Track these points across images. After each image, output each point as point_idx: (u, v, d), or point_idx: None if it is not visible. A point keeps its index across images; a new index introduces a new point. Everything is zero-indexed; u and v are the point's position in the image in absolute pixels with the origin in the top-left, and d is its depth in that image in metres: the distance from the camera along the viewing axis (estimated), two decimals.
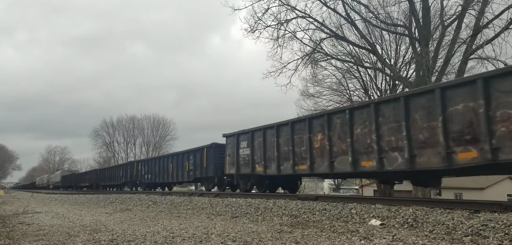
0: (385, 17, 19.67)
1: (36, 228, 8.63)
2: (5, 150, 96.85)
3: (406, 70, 25.13)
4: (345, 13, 19.10)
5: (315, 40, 20.32)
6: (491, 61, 16.32)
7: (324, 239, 6.01)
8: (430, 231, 6.23)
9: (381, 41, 24.54)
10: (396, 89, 26.06)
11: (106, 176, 34.78)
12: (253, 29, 19.21)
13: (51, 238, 7.00)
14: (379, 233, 6.21)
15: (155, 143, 69.04)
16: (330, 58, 22.88)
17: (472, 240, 5.51)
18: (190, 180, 20.19)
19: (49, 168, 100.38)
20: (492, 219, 5.97)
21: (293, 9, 18.97)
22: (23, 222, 10.19)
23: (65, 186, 49.42)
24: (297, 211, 9.04)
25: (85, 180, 41.29)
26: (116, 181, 31.39)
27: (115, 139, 70.89)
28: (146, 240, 6.47)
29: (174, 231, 7.28)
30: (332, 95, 29.21)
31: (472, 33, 16.81)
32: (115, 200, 17.57)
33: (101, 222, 9.51)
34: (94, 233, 7.46)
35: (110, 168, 38.18)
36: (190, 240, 6.29)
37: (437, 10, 18.99)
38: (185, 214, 10.94)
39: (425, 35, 17.44)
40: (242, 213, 9.98)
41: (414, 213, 7.09)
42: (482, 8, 16.06)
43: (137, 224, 8.84)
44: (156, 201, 14.66)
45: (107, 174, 34.82)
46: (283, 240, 6.00)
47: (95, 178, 37.97)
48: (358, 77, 27.66)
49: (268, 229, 7.15)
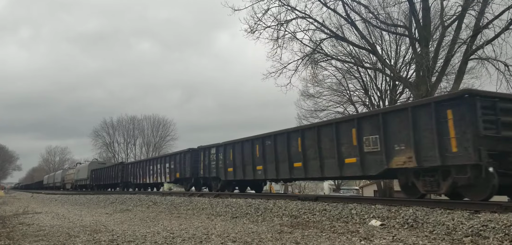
0: (385, 17, 19.69)
1: (36, 229, 8.63)
2: (5, 150, 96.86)
3: (406, 70, 25.19)
4: (345, 13, 19.13)
5: (315, 40, 20.35)
6: (491, 62, 16.33)
7: (324, 239, 6.01)
8: (430, 232, 6.23)
9: (381, 41, 24.60)
10: (396, 89, 26.10)
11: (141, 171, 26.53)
12: (253, 30, 19.23)
13: (51, 239, 7.00)
14: (379, 234, 6.21)
15: (155, 143, 69.12)
16: (330, 58, 22.91)
17: (472, 240, 5.51)
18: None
19: (49, 168, 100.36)
20: (492, 220, 5.96)
21: (293, 9, 18.98)
22: (23, 222, 10.19)
23: (97, 184, 35.35)
24: (297, 211, 9.04)
25: (112, 176, 31.47)
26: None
27: (115, 139, 70.90)
28: (146, 240, 6.47)
29: (174, 232, 7.28)
30: (332, 95, 29.25)
31: (472, 34, 16.81)
32: (115, 201, 17.58)
33: (101, 223, 9.52)
34: (94, 233, 7.46)
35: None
36: (190, 241, 6.29)
37: (437, 11, 19.02)
38: (185, 215, 10.94)
39: (425, 35, 17.45)
40: (242, 213, 9.98)
41: (414, 213, 7.09)
42: (482, 9, 16.06)
43: (137, 225, 8.85)
44: (156, 202, 14.65)
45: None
46: (283, 241, 6.00)
47: (125, 174, 29.26)
48: (358, 77, 27.70)
49: (268, 230, 7.15)
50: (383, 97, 27.09)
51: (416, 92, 17.62)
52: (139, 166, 26.66)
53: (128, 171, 28.61)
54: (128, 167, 29.54)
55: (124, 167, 29.94)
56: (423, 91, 16.80)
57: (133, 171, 27.47)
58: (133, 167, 28.41)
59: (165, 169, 22.11)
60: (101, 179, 34.34)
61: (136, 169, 26.99)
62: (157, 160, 24.07)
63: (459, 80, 17.57)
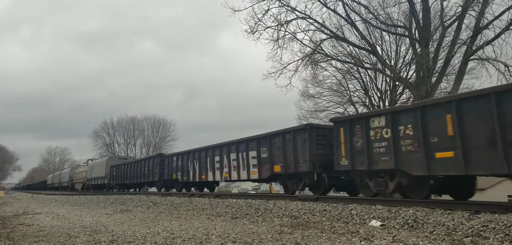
0: (385, 18, 19.66)
1: (36, 229, 8.63)
2: (5, 150, 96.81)
3: (406, 71, 25.15)
4: (345, 14, 19.11)
5: (315, 41, 20.31)
6: (491, 62, 16.31)
7: (324, 240, 6.01)
8: (430, 232, 6.22)
9: (381, 42, 24.55)
10: (396, 90, 26.08)
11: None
12: (253, 31, 19.20)
13: (51, 239, 7.00)
14: (379, 234, 6.21)
15: (155, 143, 69.03)
16: (330, 59, 22.86)
17: (472, 241, 5.51)
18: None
19: (49, 169, 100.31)
20: (492, 220, 5.96)
21: (293, 10, 18.96)
22: (23, 223, 10.19)
23: (119, 183, 28.46)
24: (297, 212, 9.04)
25: (143, 174, 24.43)
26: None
27: (115, 139, 70.77)
28: (146, 241, 6.47)
29: (174, 232, 7.28)
30: (332, 96, 29.17)
31: (472, 34, 16.79)
32: (115, 201, 17.58)
33: (101, 223, 9.52)
34: (94, 234, 7.46)
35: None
36: (190, 241, 6.29)
37: (437, 11, 18.99)
38: (185, 215, 10.94)
39: (425, 36, 17.43)
40: (242, 214, 9.98)
41: (414, 214, 7.09)
42: (482, 9, 16.04)
43: (137, 225, 8.84)
44: (156, 202, 14.65)
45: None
46: (283, 241, 6.00)
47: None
48: (358, 78, 27.64)
49: (268, 230, 7.14)
50: (383, 97, 27.07)
51: (416, 92, 17.61)
52: (194, 157, 18.62)
53: (173, 165, 20.68)
54: (171, 160, 21.06)
55: (166, 160, 21.96)
56: (423, 92, 16.79)
57: (183, 165, 19.65)
58: (182, 158, 19.82)
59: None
60: (125, 177, 26.98)
61: (187, 162, 19.18)
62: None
63: (459, 80, 17.56)
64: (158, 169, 22.30)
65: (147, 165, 23.93)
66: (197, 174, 18.11)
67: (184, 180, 19.51)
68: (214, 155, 16.69)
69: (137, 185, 26.22)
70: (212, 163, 16.75)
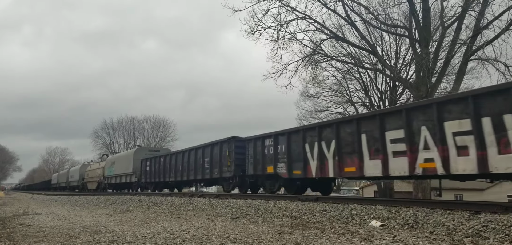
0: (385, 18, 19.65)
1: (36, 230, 8.63)
2: (6, 151, 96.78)
3: (406, 71, 25.18)
4: (345, 14, 19.11)
5: (315, 41, 20.30)
6: (491, 63, 16.31)
7: (324, 240, 6.01)
8: (430, 232, 6.23)
9: (381, 42, 24.59)
10: (396, 90, 26.09)
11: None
12: (253, 31, 19.21)
13: (51, 240, 7.00)
14: (379, 234, 6.21)
15: (155, 144, 69.03)
16: (330, 59, 22.86)
17: (472, 241, 5.50)
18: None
19: (49, 169, 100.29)
20: (492, 220, 5.96)
21: (293, 10, 18.96)
22: (24, 223, 10.18)
23: (155, 182, 21.94)
24: (297, 212, 9.04)
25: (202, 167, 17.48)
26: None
27: (115, 140, 70.74)
28: (146, 241, 6.47)
29: (175, 233, 7.28)
30: (332, 96, 29.20)
31: (472, 34, 16.79)
32: (115, 201, 17.58)
33: (101, 223, 9.52)
34: (95, 234, 7.46)
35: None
36: (191, 242, 6.29)
37: (437, 11, 18.99)
38: (186, 215, 10.94)
39: (425, 36, 17.43)
40: (243, 214, 9.98)
41: (414, 214, 7.09)
42: (482, 9, 16.04)
43: (137, 226, 8.85)
44: (156, 202, 14.66)
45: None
46: (284, 242, 6.00)
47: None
48: (358, 78, 27.68)
49: (268, 230, 7.15)
50: (383, 98, 27.09)
51: (416, 93, 17.62)
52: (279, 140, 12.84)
53: (265, 152, 13.42)
54: (262, 143, 13.57)
55: (247, 144, 14.52)
56: (423, 92, 16.80)
57: (269, 152, 13.24)
58: (263, 142, 13.54)
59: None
60: (166, 173, 20.43)
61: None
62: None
63: (459, 81, 17.57)
64: (230, 158, 15.10)
65: (209, 153, 16.60)
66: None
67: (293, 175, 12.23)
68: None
69: (186, 183, 19.96)
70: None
